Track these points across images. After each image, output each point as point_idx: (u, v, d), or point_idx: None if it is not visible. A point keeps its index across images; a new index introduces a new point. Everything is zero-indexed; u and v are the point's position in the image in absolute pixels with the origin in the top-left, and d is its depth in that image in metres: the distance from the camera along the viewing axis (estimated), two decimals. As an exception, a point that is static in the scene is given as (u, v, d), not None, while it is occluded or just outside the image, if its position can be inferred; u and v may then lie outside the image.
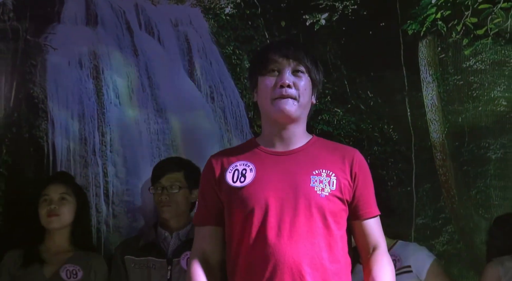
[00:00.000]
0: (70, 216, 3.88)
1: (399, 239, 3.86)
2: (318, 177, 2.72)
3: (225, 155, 2.89)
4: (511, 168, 4.20)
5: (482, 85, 4.26)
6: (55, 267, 3.80)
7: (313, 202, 2.68)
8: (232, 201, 2.76)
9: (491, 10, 4.22)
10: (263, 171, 2.76)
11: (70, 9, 4.48)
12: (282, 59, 2.77)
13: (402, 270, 3.72)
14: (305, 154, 2.80)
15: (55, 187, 3.89)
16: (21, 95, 4.38)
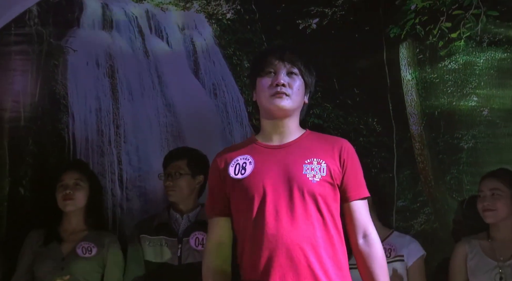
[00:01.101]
0: (83, 200, 3.89)
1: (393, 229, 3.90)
2: (310, 165, 2.73)
3: (228, 151, 2.91)
4: (481, 156, 4.21)
5: (455, 83, 4.28)
6: (72, 244, 3.82)
7: (306, 187, 2.69)
8: (235, 191, 2.78)
9: (464, 16, 4.25)
10: (261, 163, 2.77)
11: (88, 15, 4.48)
12: (278, 62, 2.78)
13: (396, 259, 3.76)
14: (298, 145, 2.81)
15: (71, 174, 3.89)
16: (45, 92, 4.40)
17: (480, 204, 3.71)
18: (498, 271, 3.60)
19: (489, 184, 3.71)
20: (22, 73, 4.41)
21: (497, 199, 3.67)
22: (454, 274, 3.74)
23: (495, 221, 3.67)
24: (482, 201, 3.71)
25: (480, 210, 3.72)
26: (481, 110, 4.26)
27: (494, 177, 3.74)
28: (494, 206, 3.66)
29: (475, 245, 3.72)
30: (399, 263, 3.75)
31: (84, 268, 3.78)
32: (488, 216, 3.67)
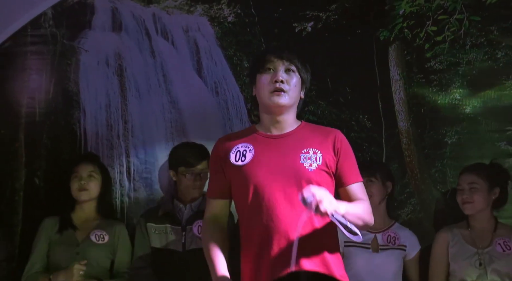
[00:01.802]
0: (96, 190, 3.92)
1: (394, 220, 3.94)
2: (307, 155, 2.75)
3: (229, 138, 2.93)
4: (464, 151, 4.24)
5: (440, 82, 4.30)
6: (85, 232, 3.86)
7: (303, 175, 2.72)
8: (236, 177, 2.81)
9: (448, 20, 4.27)
10: (260, 151, 2.80)
11: (99, 18, 4.48)
12: (277, 60, 2.81)
13: (400, 247, 3.81)
14: (295, 136, 2.83)
15: (85, 166, 3.93)
16: (58, 90, 4.40)
17: (459, 197, 3.77)
18: (477, 257, 3.66)
19: (467, 178, 3.77)
20: (37, 72, 4.41)
21: (474, 192, 3.72)
22: (436, 261, 3.78)
23: (473, 212, 3.74)
24: (461, 194, 3.76)
25: (459, 202, 3.77)
26: (464, 108, 4.28)
27: (471, 171, 3.80)
28: (472, 199, 3.72)
29: (456, 233, 3.77)
30: (401, 252, 3.81)
31: (97, 254, 3.80)
32: (466, 208, 3.73)
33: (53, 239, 3.83)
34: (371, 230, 3.72)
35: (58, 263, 3.76)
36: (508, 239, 3.71)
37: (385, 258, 3.75)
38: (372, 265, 3.72)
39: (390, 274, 3.73)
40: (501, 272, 3.64)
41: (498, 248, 3.68)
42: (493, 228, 3.75)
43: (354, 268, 3.69)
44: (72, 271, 3.64)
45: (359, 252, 3.73)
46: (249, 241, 2.77)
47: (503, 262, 3.65)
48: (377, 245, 3.79)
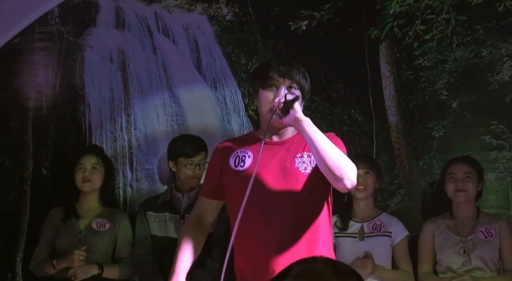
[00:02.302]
0: (99, 182, 3.93)
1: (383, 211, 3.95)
2: (301, 159, 2.71)
3: (229, 144, 2.89)
4: (450, 144, 4.25)
5: (428, 79, 4.31)
6: (88, 220, 3.88)
7: (298, 179, 2.69)
8: (233, 181, 2.76)
9: (436, 20, 4.29)
10: (259, 158, 2.74)
11: (103, 16, 4.51)
12: (279, 77, 2.71)
13: (385, 233, 3.80)
14: (292, 142, 2.78)
15: (88, 158, 3.93)
16: (64, 84, 4.44)
17: (452, 184, 3.77)
18: (461, 245, 3.69)
19: (462, 167, 3.78)
20: (44, 67, 4.44)
21: (468, 181, 3.75)
22: (423, 250, 3.81)
23: (465, 200, 3.75)
24: (454, 182, 3.76)
25: (451, 189, 3.78)
26: (450, 103, 4.29)
27: (466, 162, 3.82)
28: (466, 187, 3.74)
29: (441, 224, 3.80)
30: (387, 238, 3.79)
31: (99, 241, 3.83)
32: (460, 195, 3.74)
33: (58, 228, 3.87)
34: (358, 220, 3.81)
35: (63, 249, 3.78)
36: (489, 226, 3.73)
37: (371, 244, 3.77)
38: (359, 252, 3.74)
39: (377, 259, 3.72)
40: (484, 257, 3.68)
41: (480, 235, 3.71)
42: (476, 217, 3.78)
43: (343, 256, 3.71)
44: (73, 257, 3.67)
45: (347, 241, 3.78)
46: (243, 245, 2.73)
47: (485, 248, 3.68)
48: (363, 233, 3.80)
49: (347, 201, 3.85)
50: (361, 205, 3.84)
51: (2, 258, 4.14)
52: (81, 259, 3.69)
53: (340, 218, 3.84)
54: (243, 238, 2.70)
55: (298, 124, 2.61)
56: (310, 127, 2.60)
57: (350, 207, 3.86)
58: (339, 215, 3.84)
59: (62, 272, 3.73)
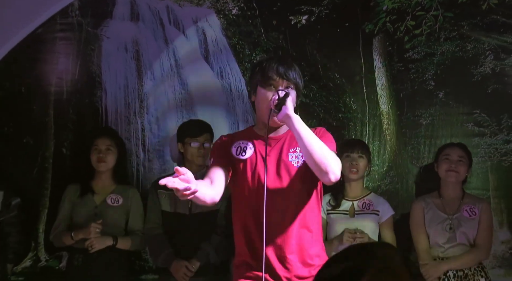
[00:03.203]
0: (113, 162, 3.97)
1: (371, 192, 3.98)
2: (294, 153, 2.74)
3: (231, 136, 2.92)
4: (436, 131, 4.28)
5: (417, 70, 4.32)
6: (103, 196, 3.93)
7: (291, 171, 2.72)
8: (235, 168, 2.79)
9: (425, 16, 4.29)
10: (258, 150, 2.77)
11: (119, 9, 4.50)
12: (277, 78, 2.71)
13: (373, 212, 3.83)
14: (287, 137, 2.79)
15: (103, 140, 3.96)
16: (83, 71, 4.44)
17: (445, 165, 3.81)
18: (448, 222, 3.75)
19: (457, 151, 3.82)
20: (65, 55, 4.44)
21: (461, 165, 3.80)
22: (415, 225, 3.83)
23: (455, 180, 3.80)
24: (448, 163, 3.80)
25: (444, 169, 3.81)
26: (437, 93, 4.30)
27: (460, 147, 3.86)
28: (458, 169, 3.79)
29: (429, 202, 3.84)
30: (374, 216, 3.83)
31: (112, 215, 3.89)
32: (451, 175, 3.79)
33: (75, 202, 3.92)
34: (349, 198, 3.86)
35: (80, 222, 3.84)
36: (473, 206, 3.78)
37: (361, 221, 3.79)
38: (349, 227, 3.73)
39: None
40: (467, 234, 3.73)
41: (465, 214, 3.77)
42: (461, 197, 3.83)
43: (335, 231, 3.76)
44: (89, 229, 3.73)
45: (338, 218, 3.81)
46: (244, 226, 2.76)
47: (469, 225, 3.74)
48: (353, 211, 3.83)
49: (341, 181, 3.83)
50: (352, 185, 3.87)
51: (26, 229, 4.13)
52: (97, 231, 3.74)
53: (333, 197, 3.87)
54: (243, 221, 2.77)
55: (288, 121, 2.64)
56: (299, 124, 2.63)
57: (343, 187, 3.87)
58: (332, 194, 3.87)
59: (79, 243, 3.78)
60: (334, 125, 4.30)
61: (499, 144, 4.23)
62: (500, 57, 4.27)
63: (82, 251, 3.78)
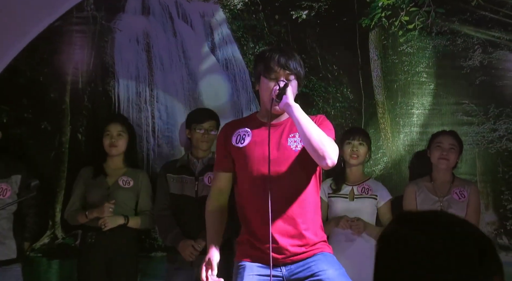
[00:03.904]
0: (124, 146, 3.97)
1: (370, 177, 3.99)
2: (293, 138, 2.75)
3: (233, 124, 2.95)
4: (427, 120, 4.32)
5: (410, 63, 4.36)
6: (115, 178, 3.95)
7: (290, 155, 2.73)
8: (236, 156, 2.81)
9: (418, 12, 4.32)
10: (257, 136, 2.78)
11: (131, 3, 4.51)
12: (279, 69, 2.71)
13: (372, 196, 3.85)
14: (287, 124, 2.80)
15: (114, 126, 3.96)
16: (97, 62, 4.47)
17: (437, 152, 3.82)
18: (439, 204, 3.77)
19: (449, 139, 3.83)
20: (80, 47, 4.46)
21: (452, 152, 3.81)
22: (408, 207, 3.82)
23: (446, 167, 3.82)
24: (440, 150, 3.82)
25: (436, 156, 3.82)
26: (429, 84, 4.34)
27: (452, 135, 3.86)
28: (449, 157, 3.80)
29: (421, 185, 3.86)
30: (373, 200, 3.85)
31: (124, 196, 3.91)
32: (442, 163, 3.81)
33: (89, 184, 3.93)
34: (350, 183, 3.86)
35: (93, 202, 3.86)
36: (463, 189, 3.81)
37: (359, 204, 3.82)
38: (349, 210, 3.79)
39: (363, 217, 3.78)
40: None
41: (455, 196, 3.79)
42: (451, 181, 3.85)
43: (335, 213, 3.80)
44: (103, 208, 3.75)
45: (339, 200, 3.83)
46: (248, 208, 2.79)
47: (458, 207, 3.76)
48: (353, 195, 3.84)
49: (342, 167, 3.88)
50: (353, 170, 3.89)
51: (44, 208, 4.16)
52: (110, 210, 3.77)
53: (334, 181, 3.89)
54: (245, 202, 2.80)
55: (288, 109, 2.66)
56: (298, 112, 2.65)
57: (344, 172, 3.90)
58: (334, 179, 3.89)
59: (93, 221, 3.81)
60: (332, 114, 4.31)
61: (486, 132, 4.27)
62: (488, 51, 4.30)
63: (95, 229, 3.80)
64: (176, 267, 3.77)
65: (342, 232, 3.75)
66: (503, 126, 4.28)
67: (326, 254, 2.77)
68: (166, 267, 3.91)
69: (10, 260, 3.71)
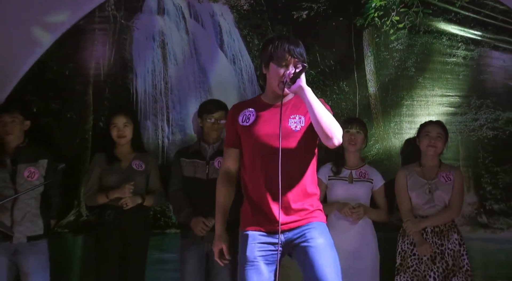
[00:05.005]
0: (130, 134, 3.93)
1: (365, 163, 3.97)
2: (294, 119, 2.72)
3: (239, 105, 2.91)
4: (415, 110, 4.33)
5: (400, 59, 4.37)
6: (127, 162, 3.91)
7: (290, 134, 2.70)
8: (242, 135, 2.79)
9: (407, 12, 4.34)
10: (261, 116, 2.76)
11: (148, 4, 4.53)
12: (289, 57, 2.69)
13: (368, 180, 3.86)
14: (289, 105, 2.76)
15: (120, 118, 3.90)
16: (117, 57, 4.49)
17: (426, 140, 3.81)
18: (427, 186, 3.78)
19: (436, 128, 3.81)
20: (102, 44, 4.49)
21: (439, 140, 3.80)
22: (399, 190, 3.86)
23: (434, 154, 3.80)
24: (428, 139, 3.80)
25: (425, 144, 3.81)
26: (417, 78, 4.36)
27: (438, 124, 3.85)
28: (437, 144, 3.80)
29: (411, 170, 3.86)
30: (369, 184, 3.86)
31: (137, 178, 3.88)
32: (430, 150, 3.80)
33: (104, 169, 3.89)
34: (348, 167, 3.87)
35: (110, 185, 3.83)
36: (449, 173, 3.81)
37: (357, 187, 3.84)
38: (348, 192, 3.81)
39: (361, 199, 3.80)
40: (443, 197, 3.77)
41: (441, 180, 3.79)
42: (438, 166, 3.84)
43: (336, 194, 3.83)
44: (124, 189, 3.77)
45: (339, 183, 3.83)
46: (252, 182, 2.76)
47: (445, 189, 3.77)
48: (351, 178, 3.85)
49: (341, 152, 3.87)
50: (351, 156, 3.89)
51: (69, 190, 4.17)
52: (130, 191, 3.78)
53: (334, 165, 3.89)
54: (249, 176, 2.77)
55: (302, 92, 2.64)
56: (311, 95, 2.64)
57: (343, 157, 3.89)
58: (334, 163, 3.89)
59: (111, 201, 3.81)
60: (329, 105, 3.96)
61: (468, 121, 4.29)
62: (470, 48, 4.32)
63: (113, 207, 3.79)
64: (189, 242, 3.77)
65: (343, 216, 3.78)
66: (484, 116, 4.29)
67: (320, 224, 2.75)
68: (179, 242, 3.88)
69: (38, 236, 3.72)
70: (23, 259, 3.68)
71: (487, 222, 4.24)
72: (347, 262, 3.55)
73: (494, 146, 4.29)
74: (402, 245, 3.80)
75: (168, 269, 4.24)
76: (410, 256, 3.74)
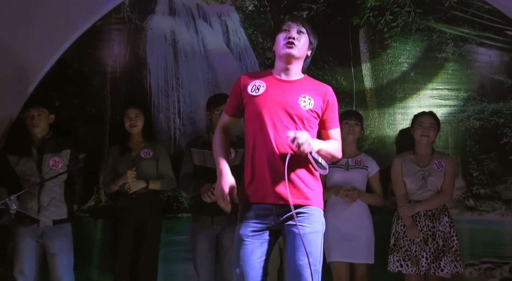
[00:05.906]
0: (141, 125, 3.95)
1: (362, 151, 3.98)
2: (303, 98, 2.62)
3: (250, 75, 2.77)
4: (408, 102, 4.38)
5: (394, 55, 4.41)
6: (137, 151, 3.92)
7: (297, 111, 2.61)
8: (249, 104, 2.66)
9: (400, 12, 4.39)
10: (271, 89, 2.64)
11: (160, 5, 4.58)
12: (292, 23, 2.66)
13: (363, 167, 3.87)
14: (298, 84, 2.68)
15: (132, 109, 3.93)
16: (132, 55, 4.54)
17: (419, 130, 3.80)
18: (421, 173, 3.78)
19: (428, 119, 3.80)
20: (118, 42, 4.53)
21: (432, 130, 3.79)
22: (395, 177, 3.86)
23: (427, 143, 3.79)
24: (422, 129, 3.78)
25: (418, 134, 3.80)
26: (409, 72, 4.39)
27: (432, 116, 3.83)
28: (429, 134, 3.79)
29: (406, 158, 3.85)
30: (364, 171, 3.87)
31: (145, 165, 3.90)
32: (424, 139, 3.79)
33: (117, 159, 3.94)
34: (345, 156, 3.81)
35: (120, 173, 3.87)
36: (441, 160, 3.80)
37: (353, 173, 3.85)
38: (344, 178, 3.82)
39: (356, 184, 3.81)
40: (436, 183, 3.77)
41: (434, 166, 3.78)
42: (431, 154, 3.83)
43: (334, 180, 3.84)
44: (126, 175, 3.80)
45: (336, 170, 3.84)
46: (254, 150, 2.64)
47: (437, 175, 3.77)
48: (348, 166, 3.86)
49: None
50: (348, 145, 3.88)
51: (91, 177, 4.19)
52: (132, 176, 3.79)
53: None
54: (252, 149, 2.64)
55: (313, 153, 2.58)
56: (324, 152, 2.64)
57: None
58: None
59: (122, 188, 3.84)
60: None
61: (457, 112, 4.34)
62: (459, 45, 4.37)
63: (124, 194, 3.83)
64: (199, 225, 3.74)
65: (340, 199, 3.81)
66: (471, 108, 4.34)
67: (313, 208, 2.63)
68: (191, 225, 3.86)
69: (62, 220, 3.76)
70: (49, 241, 3.72)
71: (474, 205, 4.28)
72: (345, 243, 3.66)
73: (480, 135, 4.33)
74: (396, 227, 3.81)
75: (181, 250, 4.25)
76: (403, 237, 3.75)
